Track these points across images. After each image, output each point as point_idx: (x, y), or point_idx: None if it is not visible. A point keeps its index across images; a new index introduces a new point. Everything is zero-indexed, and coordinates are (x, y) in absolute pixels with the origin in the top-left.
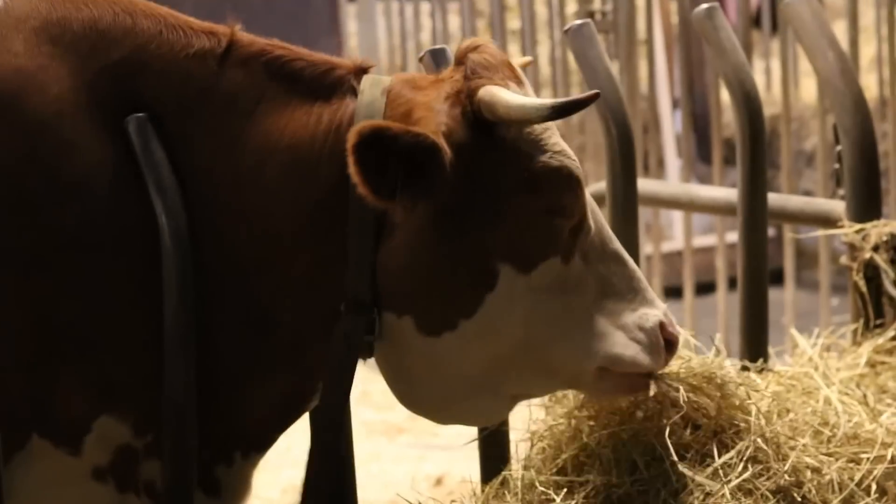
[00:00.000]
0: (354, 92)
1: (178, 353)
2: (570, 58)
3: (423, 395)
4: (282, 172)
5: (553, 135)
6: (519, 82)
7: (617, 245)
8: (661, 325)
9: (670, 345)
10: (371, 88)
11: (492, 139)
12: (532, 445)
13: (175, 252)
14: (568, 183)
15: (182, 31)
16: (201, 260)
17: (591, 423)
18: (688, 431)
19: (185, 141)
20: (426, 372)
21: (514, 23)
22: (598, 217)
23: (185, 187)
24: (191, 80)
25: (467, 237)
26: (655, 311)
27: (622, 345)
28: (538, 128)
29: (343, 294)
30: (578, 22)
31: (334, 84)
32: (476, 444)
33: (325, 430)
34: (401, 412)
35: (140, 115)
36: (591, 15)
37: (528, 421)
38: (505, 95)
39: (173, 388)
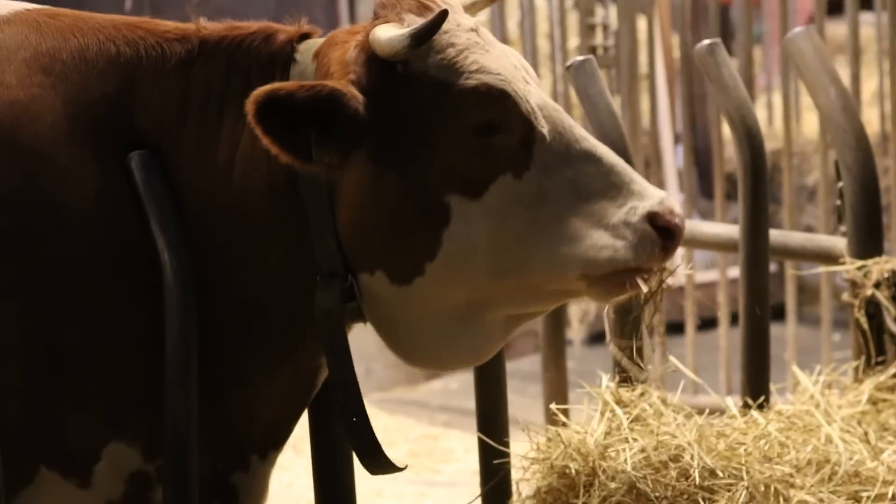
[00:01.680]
0: (292, 61)
1: (180, 386)
2: (573, 91)
3: (415, 343)
4: (245, 163)
5: (471, 54)
6: (422, 9)
7: (588, 144)
8: (655, 215)
9: (669, 233)
10: (304, 55)
11: (402, 76)
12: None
13: (177, 287)
14: (487, 99)
15: (159, 47)
16: (200, 270)
17: (587, 467)
18: (681, 476)
19: (175, 159)
20: (411, 320)
21: None
22: (561, 120)
23: (182, 205)
24: (171, 97)
25: (407, 179)
26: (645, 201)
27: (597, 247)
28: (452, 52)
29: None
30: (581, 58)
31: (274, 57)
32: (478, 480)
33: (346, 403)
34: (402, 448)
35: (143, 150)
36: (592, 50)
37: (528, 458)
38: (379, 33)
39: (175, 421)
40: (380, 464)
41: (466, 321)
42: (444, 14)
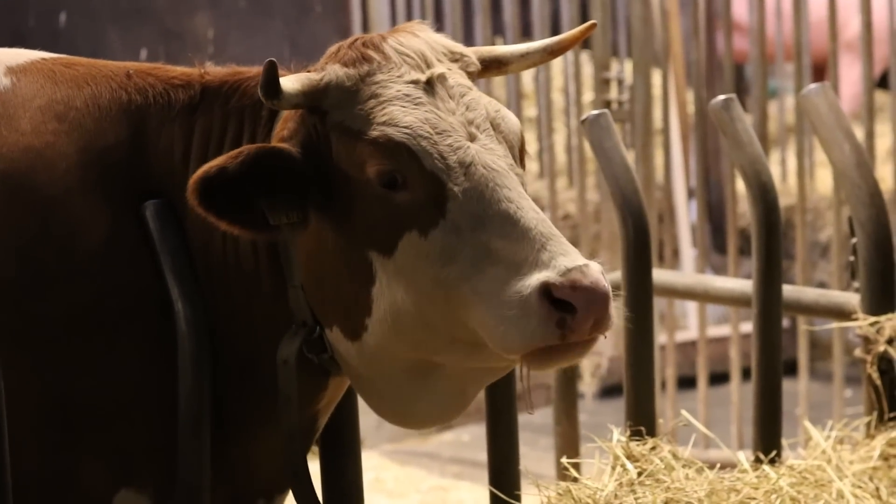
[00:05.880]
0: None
1: (193, 436)
2: (587, 145)
3: (382, 401)
4: None
5: (390, 105)
6: (355, 62)
7: (508, 206)
8: (549, 287)
9: (567, 306)
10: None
11: (323, 127)
12: None
13: (190, 337)
14: (385, 150)
15: (166, 94)
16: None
17: None
18: None
19: (182, 206)
20: (373, 377)
21: (530, 110)
22: (488, 180)
23: (192, 257)
24: (176, 144)
25: (338, 232)
26: (544, 272)
27: (489, 326)
28: (372, 103)
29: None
30: (595, 112)
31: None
32: None
33: (290, 455)
34: (413, 499)
35: (157, 200)
36: (607, 104)
37: None
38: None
39: (188, 470)
40: None
41: (425, 378)
42: (270, 64)
